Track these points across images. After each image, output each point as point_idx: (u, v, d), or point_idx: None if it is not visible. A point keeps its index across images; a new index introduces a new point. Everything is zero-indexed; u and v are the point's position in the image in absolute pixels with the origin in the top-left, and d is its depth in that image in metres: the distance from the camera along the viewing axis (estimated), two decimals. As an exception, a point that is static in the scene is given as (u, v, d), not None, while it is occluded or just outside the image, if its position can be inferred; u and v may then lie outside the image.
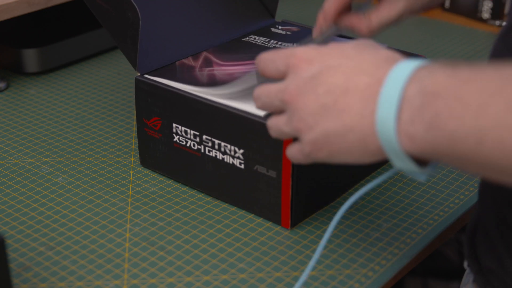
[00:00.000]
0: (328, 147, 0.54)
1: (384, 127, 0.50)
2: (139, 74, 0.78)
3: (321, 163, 0.62)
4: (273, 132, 0.60)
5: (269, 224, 0.74)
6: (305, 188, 0.72)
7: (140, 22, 0.73)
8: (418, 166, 0.52)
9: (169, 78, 0.78)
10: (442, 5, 1.32)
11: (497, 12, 1.24)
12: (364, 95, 0.51)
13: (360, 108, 0.52)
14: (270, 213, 0.74)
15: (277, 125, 0.59)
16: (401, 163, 0.52)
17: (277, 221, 0.73)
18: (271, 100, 0.58)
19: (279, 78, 0.58)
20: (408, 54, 0.83)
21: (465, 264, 0.69)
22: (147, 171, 0.83)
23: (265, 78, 0.60)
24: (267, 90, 0.59)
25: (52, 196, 0.78)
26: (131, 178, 0.81)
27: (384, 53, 0.54)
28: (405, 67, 0.50)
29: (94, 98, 1.00)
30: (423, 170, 0.52)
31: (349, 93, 0.52)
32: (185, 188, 0.80)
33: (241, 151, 0.72)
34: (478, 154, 0.46)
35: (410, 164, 0.51)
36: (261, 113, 0.70)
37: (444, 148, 0.48)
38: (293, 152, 0.59)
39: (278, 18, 0.95)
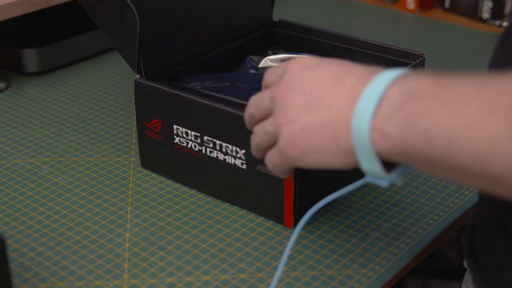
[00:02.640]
0: (302, 143, 0.54)
1: (359, 121, 0.50)
2: (138, 77, 0.78)
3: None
4: (257, 137, 0.60)
5: (269, 224, 0.74)
6: (308, 188, 0.72)
7: (138, 24, 0.73)
8: (384, 169, 0.52)
9: (168, 79, 0.79)
10: (442, 5, 1.32)
11: (497, 12, 1.24)
12: (348, 93, 0.52)
13: (341, 105, 0.52)
14: (273, 213, 0.74)
15: (261, 126, 0.59)
16: (368, 164, 0.51)
17: (280, 221, 0.73)
18: (263, 100, 0.59)
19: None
20: (408, 52, 0.83)
21: (465, 263, 0.69)
22: (147, 171, 0.83)
23: None
24: (261, 93, 0.60)
25: (52, 196, 0.78)
26: (131, 178, 0.81)
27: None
28: (392, 72, 0.51)
29: (94, 98, 1.00)
30: (387, 175, 0.52)
31: (334, 92, 0.53)
32: (185, 188, 0.80)
33: (243, 151, 0.72)
34: (448, 154, 0.46)
35: (376, 164, 0.51)
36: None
37: (415, 147, 0.48)
38: (270, 154, 0.59)
39: (276, 18, 0.95)
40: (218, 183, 0.76)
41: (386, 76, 0.51)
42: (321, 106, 0.53)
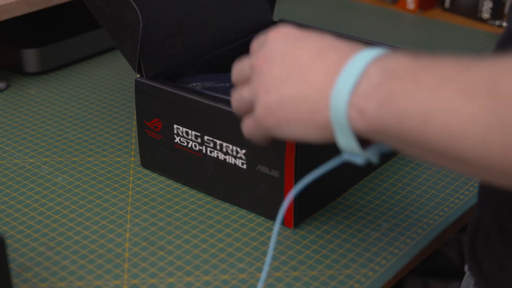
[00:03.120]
0: (279, 114, 0.55)
1: (338, 98, 0.51)
2: (138, 76, 0.78)
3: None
4: (234, 101, 0.61)
5: (269, 224, 0.74)
6: (308, 188, 0.72)
7: (141, 24, 0.73)
8: (360, 147, 0.53)
9: (169, 79, 0.78)
10: (442, 5, 1.32)
11: (497, 12, 1.24)
12: (329, 69, 0.53)
13: (321, 81, 0.53)
14: (273, 213, 0.74)
15: (239, 92, 0.60)
16: (344, 140, 0.52)
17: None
18: (244, 66, 0.60)
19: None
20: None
21: (466, 267, 0.69)
22: (147, 171, 0.83)
23: None
24: (243, 60, 0.61)
25: (52, 196, 0.78)
26: (131, 178, 0.81)
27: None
28: (373, 51, 0.52)
29: (94, 98, 1.00)
30: (363, 152, 0.53)
31: (315, 66, 0.53)
32: (185, 188, 0.80)
33: (243, 151, 0.72)
34: (423, 135, 0.47)
35: (352, 141, 0.52)
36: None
37: (391, 127, 0.49)
38: (247, 122, 0.60)
39: (276, 18, 0.95)
40: (219, 183, 0.76)
41: (367, 55, 0.51)
42: (301, 79, 0.54)
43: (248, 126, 0.60)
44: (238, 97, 0.60)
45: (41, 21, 1.12)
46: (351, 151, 0.53)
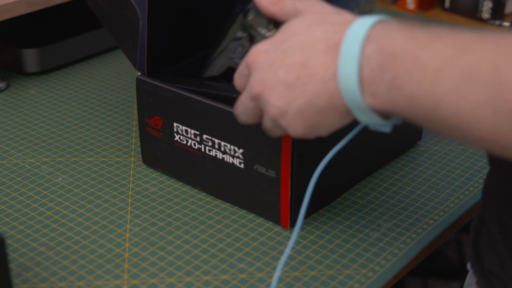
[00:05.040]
0: (306, 123, 0.56)
1: (348, 85, 0.52)
2: (139, 74, 0.78)
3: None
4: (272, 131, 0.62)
5: (269, 224, 0.74)
6: (305, 188, 0.72)
7: (140, 22, 0.73)
8: (383, 119, 0.54)
9: (169, 77, 0.78)
10: (442, 5, 1.32)
11: (497, 12, 1.24)
12: (323, 61, 0.53)
13: (322, 74, 0.53)
14: (270, 213, 0.74)
15: (264, 126, 0.61)
16: (366, 118, 0.54)
17: (276, 220, 0.73)
18: (245, 104, 0.60)
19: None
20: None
21: (468, 265, 0.69)
22: (147, 171, 0.83)
23: None
24: (240, 99, 0.61)
25: (52, 196, 0.78)
26: (131, 178, 0.81)
27: (333, 18, 0.55)
28: (361, 26, 0.52)
29: (94, 98, 1.00)
30: (387, 122, 0.54)
31: (309, 65, 0.54)
32: (185, 188, 0.80)
33: (241, 150, 0.72)
34: (435, 116, 0.48)
35: (375, 118, 0.53)
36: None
37: (404, 108, 0.50)
38: (265, 126, 0.61)
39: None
40: (217, 181, 0.76)
41: (357, 33, 0.51)
42: (302, 83, 0.54)
43: (268, 128, 0.61)
44: (267, 129, 0.61)
45: (41, 21, 1.12)
46: (375, 124, 0.54)
